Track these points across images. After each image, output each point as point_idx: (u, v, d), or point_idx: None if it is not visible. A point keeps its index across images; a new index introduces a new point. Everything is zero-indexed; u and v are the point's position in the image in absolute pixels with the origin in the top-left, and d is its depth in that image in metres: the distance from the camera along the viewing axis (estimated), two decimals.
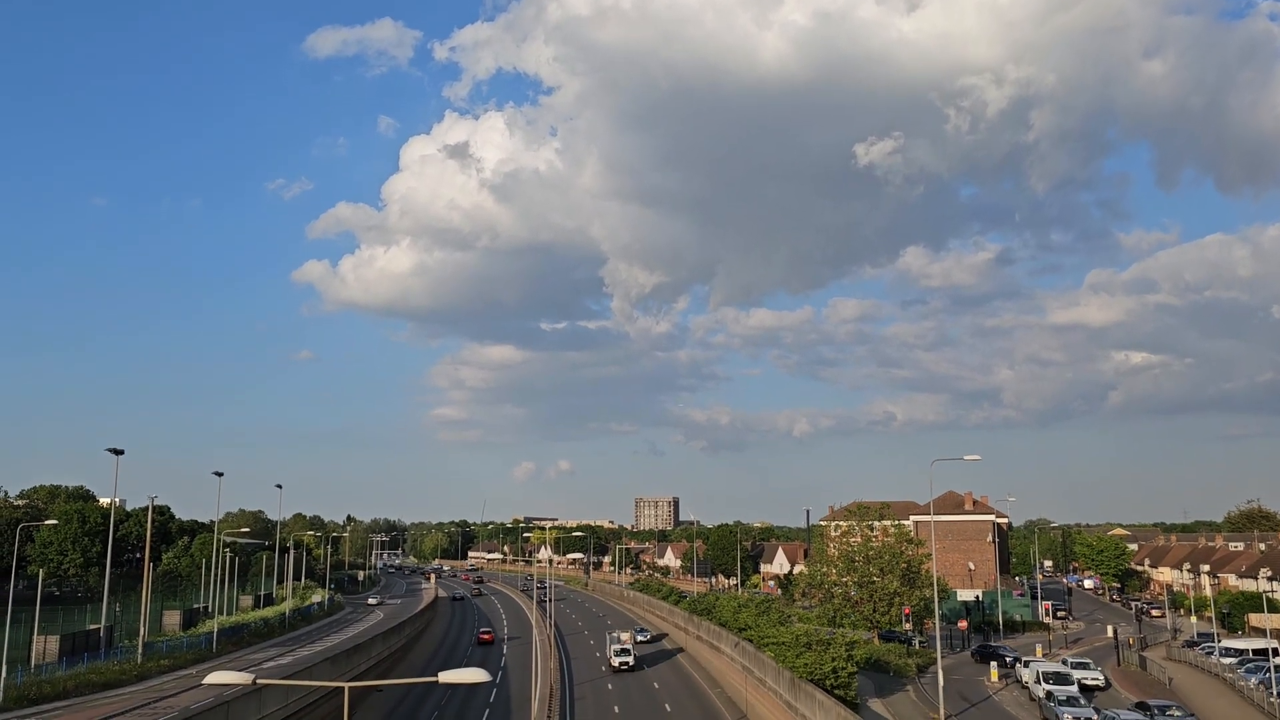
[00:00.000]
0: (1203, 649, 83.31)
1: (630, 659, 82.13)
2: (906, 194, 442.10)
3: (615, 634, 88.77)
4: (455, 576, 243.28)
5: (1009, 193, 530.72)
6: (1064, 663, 71.35)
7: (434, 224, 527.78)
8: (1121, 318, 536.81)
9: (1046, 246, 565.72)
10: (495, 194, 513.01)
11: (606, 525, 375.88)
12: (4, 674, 59.56)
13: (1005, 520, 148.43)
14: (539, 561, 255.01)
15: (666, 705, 68.69)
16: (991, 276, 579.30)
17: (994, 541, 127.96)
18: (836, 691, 51.53)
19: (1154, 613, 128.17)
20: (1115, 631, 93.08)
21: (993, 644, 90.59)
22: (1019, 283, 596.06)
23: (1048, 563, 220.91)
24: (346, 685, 21.00)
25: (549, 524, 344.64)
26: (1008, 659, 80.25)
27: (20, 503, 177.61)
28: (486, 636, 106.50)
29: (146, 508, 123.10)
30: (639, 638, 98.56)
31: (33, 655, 74.01)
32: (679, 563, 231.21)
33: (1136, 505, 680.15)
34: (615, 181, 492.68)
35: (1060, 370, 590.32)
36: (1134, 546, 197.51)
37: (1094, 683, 70.70)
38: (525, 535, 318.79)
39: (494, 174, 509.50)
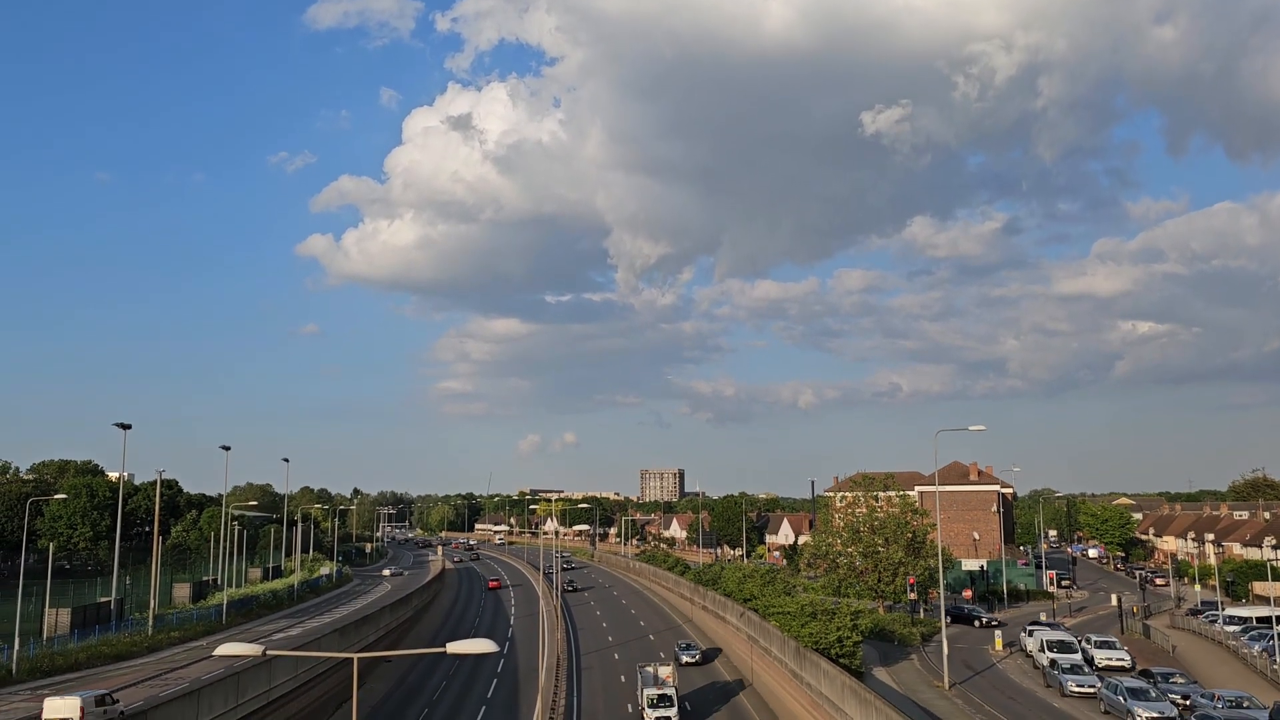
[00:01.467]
0: (1206, 617, 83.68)
1: (673, 712, 51.58)
2: (913, 163, 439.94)
3: (649, 669, 56.74)
4: (447, 545, 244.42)
5: (1017, 161, 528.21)
6: (1088, 640, 68.59)
7: (437, 196, 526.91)
8: (1128, 287, 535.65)
9: (1054, 216, 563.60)
10: (498, 166, 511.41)
11: (612, 497, 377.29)
12: (17, 646, 60.15)
13: (1010, 490, 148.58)
14: (545, 534, 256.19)
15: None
16: (998, 246, 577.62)
17: (999, 511, 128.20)
18: (841, 660, 51.89)
19: (1158, 581, 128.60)
20: (1119, 600, 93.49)
21: (965, 607, 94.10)
22: (1026, 252, 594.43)
23: (1052, 532, 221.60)
24: (355, 656, 21.20)
25: (555, 496, 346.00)
26: (982, 619, 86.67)
27: (29, 477, 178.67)
28: (494, 584, 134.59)
29: (155, 482, 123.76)
30: (685, 658, 69.10)
31: (45, 628, 74.69)
32: (684, 534, 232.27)
33: (1141, 475, 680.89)
34: (619, 152, 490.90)
35: (1066, 340, 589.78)
36: (1138, 516, 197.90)
37: (1119, 664, 64.51)
38: (531, 507, 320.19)
39: (497, 146, 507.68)
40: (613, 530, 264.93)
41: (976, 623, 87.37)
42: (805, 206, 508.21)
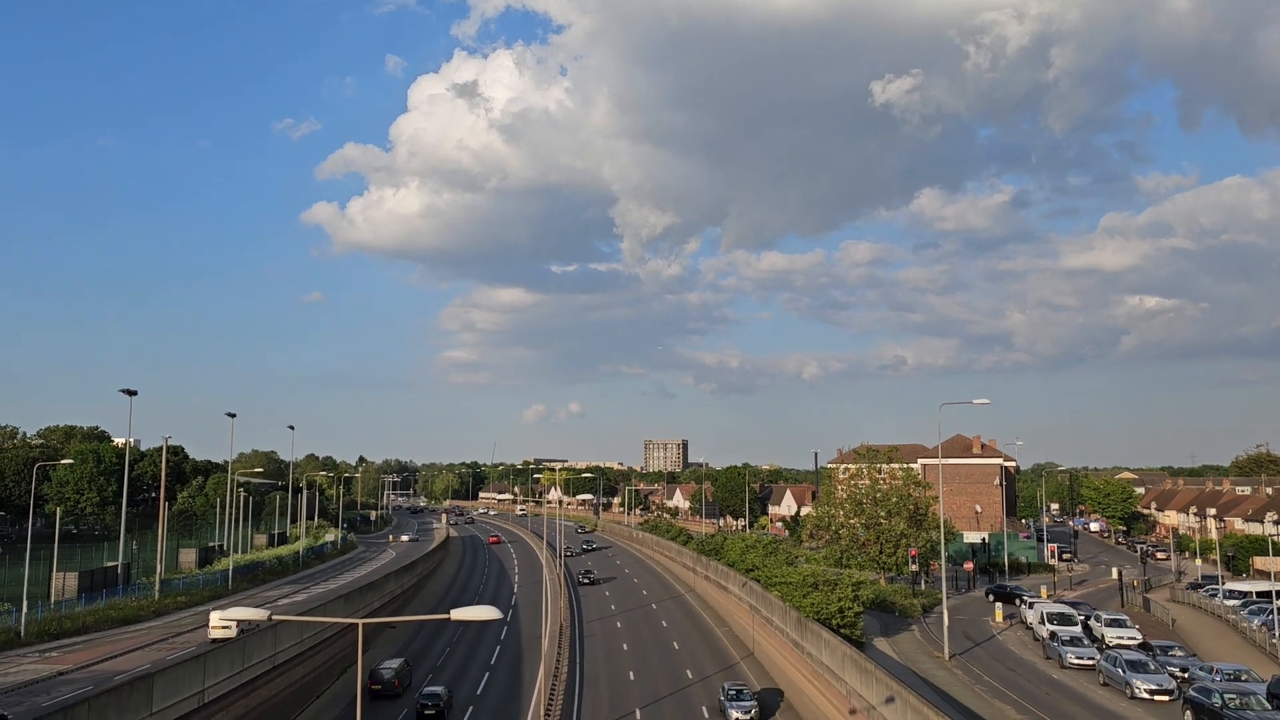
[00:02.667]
0: (1206, 591, 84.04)
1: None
2: (923, 134, 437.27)
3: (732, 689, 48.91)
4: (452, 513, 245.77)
5: (1027, 134, 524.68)
6: (1097, 618, 67.52)
7: (443, 165, 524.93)
8: (1136, 262, 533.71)
9: (1063, 189, 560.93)
10: (504, 134, 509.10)
11: (616, 467, 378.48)
12: (25, 609, 60.71)
13: (1013, 464, 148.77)
14: (549, 503, 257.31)
15: (675, 643, 69.71)
16: (1006, 219, 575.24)
17: (1001, 485, 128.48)
18: (843, 630, 52.28)
19: (1159, 555, 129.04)
20: (1120, 573, 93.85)
21: (1008, 584, 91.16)
22: (1033, 226, 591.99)
23: (1054, 506, 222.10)
24: (360, 622, 21.37)
25: (559, 465, 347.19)
26: (1025, 598, 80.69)
27: (37, 442, 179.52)
28: (494, 540, 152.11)
29: (161, 448, 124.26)
30: (736, 715, 46.76)
31: (52, 591, 75.36)
32: (687, 504, 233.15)
33: (1145, 449, 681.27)
34: (626, 121, 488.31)
35: (1072, 315, 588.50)
36: (1141, 490, 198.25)
37: (1130, 643, 61.61)
38: (535, 476, 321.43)
39: (503, 114, 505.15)
40: (616, 500, 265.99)
41: (1018, 601, 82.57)
42: (813, 178, 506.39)
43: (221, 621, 61.46)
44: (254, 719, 44.03)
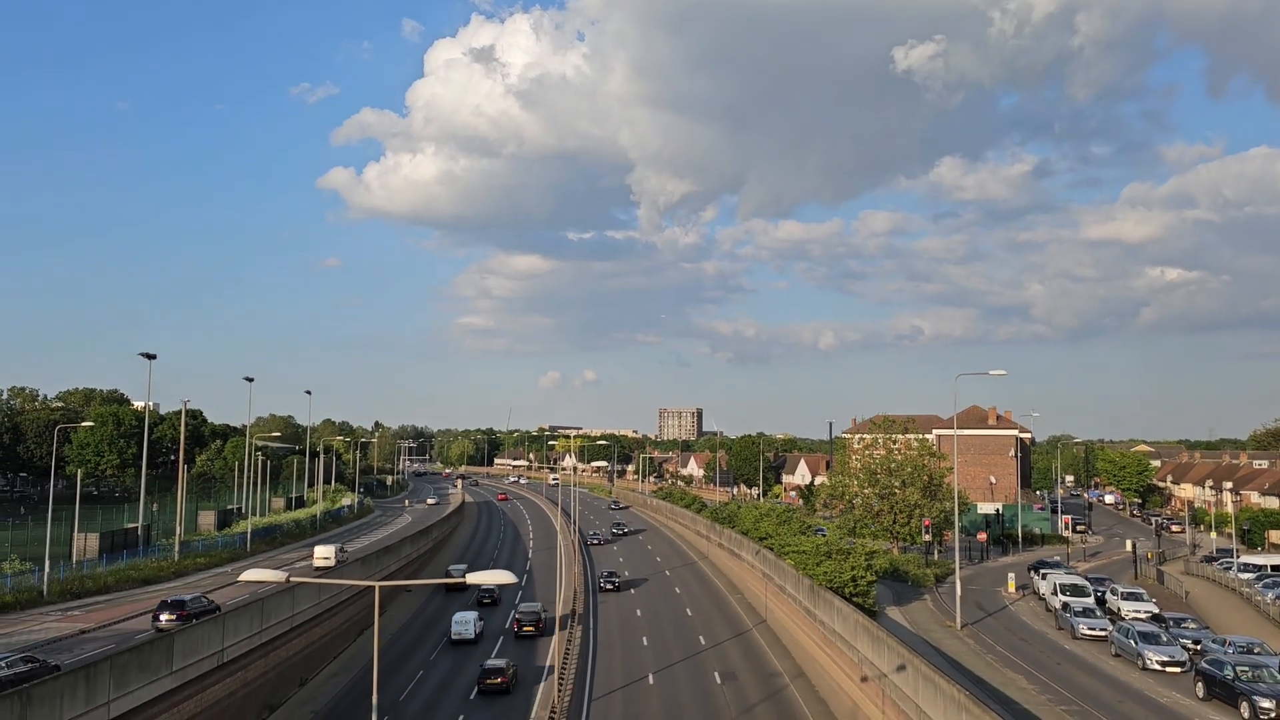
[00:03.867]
0: (1221, 564, 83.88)
1: None
2: (945, 101, 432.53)
3: None
4: (468, 479, 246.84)
5: (1050, 102, 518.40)
6: (1113, 591, 66.92)
7: (459, 131, 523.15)
8: (1158, 233, 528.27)
9: (1085, 159, 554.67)
10: (521, 100, 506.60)
11: (630, 435, 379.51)
12: (47, 569, 61.59)
13: (1028, 435, 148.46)
14: (563, 470, 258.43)
15: (688, 609, 70.19)
16: (1027, 189, 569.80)
17: (1016, 456, 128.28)
18: (855, 599, 52.48)
19: (1174, 528, 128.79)
20: (1134, 546, 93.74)
21: (1050, 559, 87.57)
22: (1055, 196, 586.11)
23: (1069, 478, 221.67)
24: (377, 584, 21.62)
25: (574, 433, 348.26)
26: (1043, 571, 79.04)
27: (57, 405, 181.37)
28: (502, 497, 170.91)
29: (179, 411, 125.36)
30: None
31: (74, 552, 76.36)
32: (701, 472, 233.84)
33: (1162, 422, 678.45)
34: (644, 87, 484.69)
35: (1092, 286, 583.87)
36: (1157, 463, 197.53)
37: (1146, 616, 60.53)
38: (550, 443, 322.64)
39: (520, 79, 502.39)
40: (630, 468, 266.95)
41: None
42: (832, 145, 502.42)
43: (323, 553, 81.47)
44: (272, 678, 44.70)
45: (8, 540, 77.83)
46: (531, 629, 60.59)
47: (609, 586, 77.38)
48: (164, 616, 49.89)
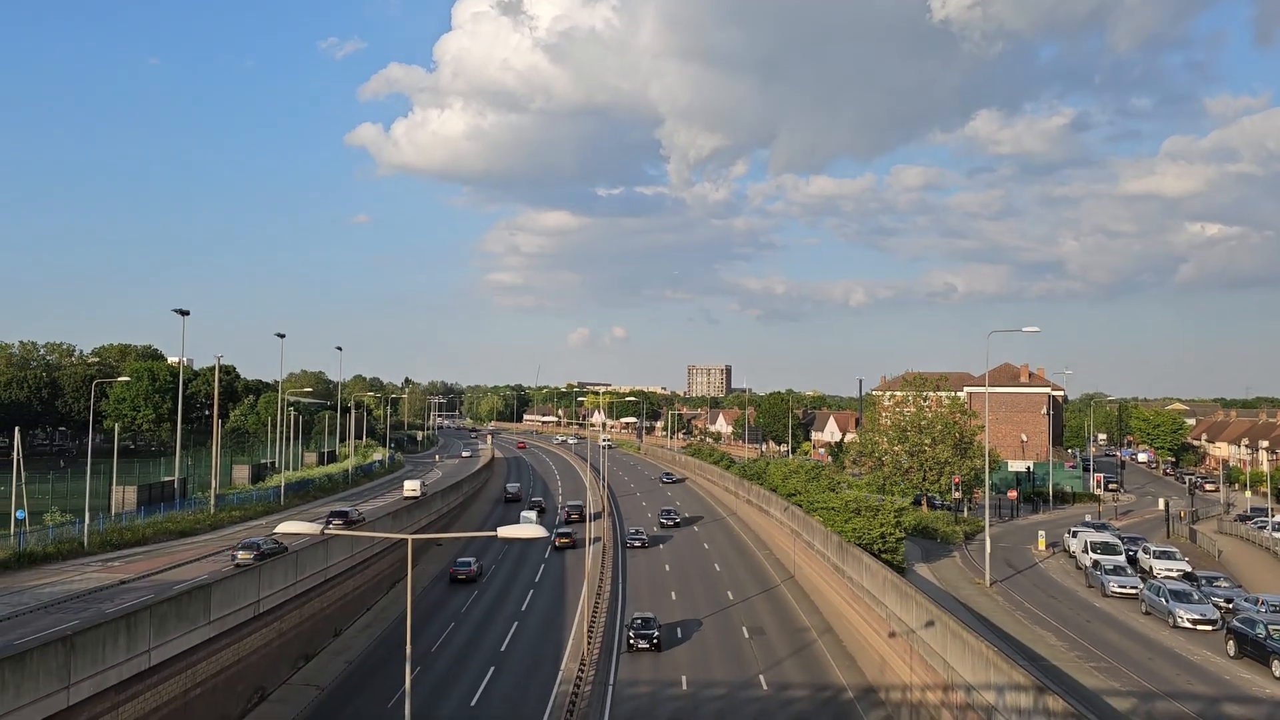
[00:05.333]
0: (1255, 523, 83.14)
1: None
2: (983, 52, 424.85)
3: None
4: (497, 435, 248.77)
5: (1091, 53, 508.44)
6: (1145, 550, 66.07)
7: (487, 86, 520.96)
8: (1199, 187, 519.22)
9: (1125, 111, 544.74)
10: (549, 54, 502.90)
11: (659, 391, 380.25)
12: (87, 520, 62.80)
13: (1061, 393, 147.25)
14: (592, 426, 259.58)
15: (716, 565, 70.62)
16: (1065, 143, 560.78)
17: (1048, 414, 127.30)
18: (884, 556, 52.55)
19: (1207, 487, 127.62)
20: (1166, 504, 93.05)
21: (1095, 519, 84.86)
22: (1093, 150, 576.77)
23: (1102, 436, 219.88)
24: (409, 537, 21.84)
25: (603, 389, 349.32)
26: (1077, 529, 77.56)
27: (93, 360, 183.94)
28: (520, 445, 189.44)
29: (213, 367, 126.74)
30: None
31: (113, 504, 77.80)
32: (730, 429, 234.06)
33: (1198, 380, 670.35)
34: (674, 39, 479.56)
35: (1129, 242, 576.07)
36: (1192, 421, 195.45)
37: (1176, 574, 59.92)
38: (579, 400, 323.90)
39: (548, 33, 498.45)
40: (659, 424, 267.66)
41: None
42: (866, 98, 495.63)
43: (411, 486, 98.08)
44: (307, 629, 45.49)
45: (48, 493, 79.43)
46: (568, 540, 75.33)
47: (636, 544, 77.73)
48: (240, 554, 57.22)
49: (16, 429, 75.77)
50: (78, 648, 26.62)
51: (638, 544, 77.01)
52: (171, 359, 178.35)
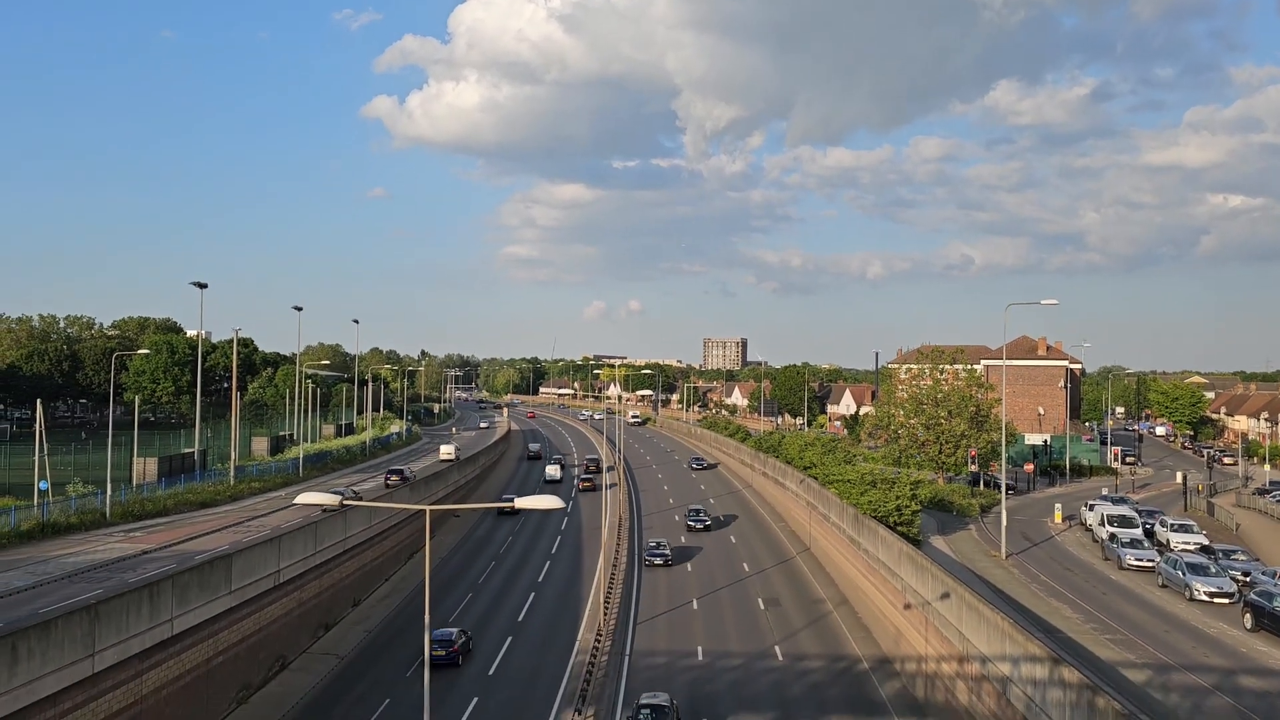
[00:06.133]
0: (1273, 497, 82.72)
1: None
2: (1004, 20, 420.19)
3: None
4: (513, 407, 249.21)
5: (1114, 21, 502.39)
6: (1162, 523, 65.66)
7: (501, 57, 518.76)
8: (1221, 158, 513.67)
9: (1148, 81, 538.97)
10: (564, 25, 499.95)
11: (675, 364, 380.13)
12: (109, 492, 63.46)
13: (1079, 366, 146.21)
14: (608, 398, 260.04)
15: (731, 537, 70.88)
16: (1086, 113, 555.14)
17: (1065, 387, 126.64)
18: (899, 528, 52.60)
19: (1226, 460, 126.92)
20: (1184, 478, 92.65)
21: (1126, 497, 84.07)
22: (1114, 120, 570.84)
23: (1120, 409, 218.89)
24: (428, 508, 21.99)
25: (618, 362, 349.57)
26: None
27: (113, 333, 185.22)
28: (530, 415, 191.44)
29: (231, 340, 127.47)
30: None
31: (134, 476, 78.51)
32: (746, 402, 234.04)
33: (1218, 353, 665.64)
34: (690, 9, 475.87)
35: (1150, 213, 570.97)
36: (1211, 395, 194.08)
37: (1193, 547, 59.49)
38: (595, 372, 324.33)
39: (563, 3, 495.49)
40: (675, 397, 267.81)
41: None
42: (884, 68, 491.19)
43: (447, 451, 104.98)
44: (326, 598, 45.99)
45: (70, 464, 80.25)
46: (589, 484, 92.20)
47: (656, 560, 73.70)
48: (391, 478, 77.63)
49: (39, 401, 76.48)
50: (102, 616, 27.00)
51: (658, 561, 60.01)
52: (190, 332, 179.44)
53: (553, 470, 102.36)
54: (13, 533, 53.84)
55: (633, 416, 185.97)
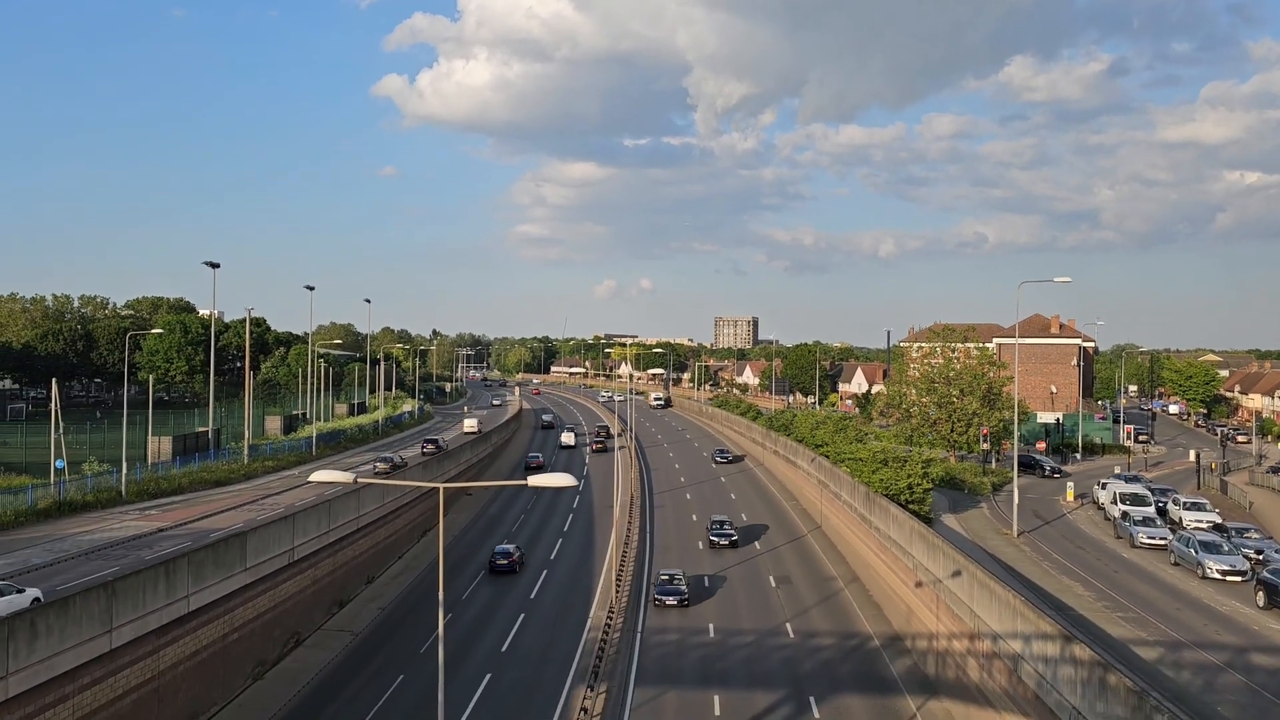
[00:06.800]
0: None
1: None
2: None
3: None
4: (525, 386, 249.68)
5: None
6: (1175, 501, 65.50)
7: (512, 34, 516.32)
8: (1238, 134, 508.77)
9: (1164, 56, 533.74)
10: (574, 1, 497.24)
11: (686, 343, 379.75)
12: (125, 470, 63.90)
13: (1092, 344, 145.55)
14: (619, 377, 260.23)
15: (743, 515, 71.00)
16: (1101, 89, 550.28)
17: (1078, 365, 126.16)
18: (911, 507, 52.60)
19: (1240, 439, 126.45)
20: (1197, 456, 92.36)
21: (1035, 456, 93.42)
22: (1130, 96, 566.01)
23: (1133, 388, 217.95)
24: (441, 485, 22.10)
25: (629, 341, 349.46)
26: (1046, 469, 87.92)
27: (126, 313, 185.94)
28: (536, 391, 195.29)
29: (244, 319, 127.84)
30: None
31: (149, 455, 79.00)
32: (757, 381, 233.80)
33: (1233, 331, 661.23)
34: None
35: (1165, 190, 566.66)
36: (1225, 373, 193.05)
37: (1205, 525, 58.90)
38: (606, 351, 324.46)
39: None
40: (686, 376, 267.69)
41: (1040, 472, 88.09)
42: (898, 43, 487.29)
43: (470, 424, 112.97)
44: (340, 576, 46.33)
45: (86, 443, 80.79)
46: (601, 446, 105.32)
47: (669, 600, 71.17)
48: (379, 465, 75.96)
49: (54, 381, 76.94)
50: (119, 593, 27.28)
51: (671, 600, 46.61)
52: (203, 311, 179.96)
53: (567, 437, 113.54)
54: (30, 511, 54.32)
55: (655, 399, 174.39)
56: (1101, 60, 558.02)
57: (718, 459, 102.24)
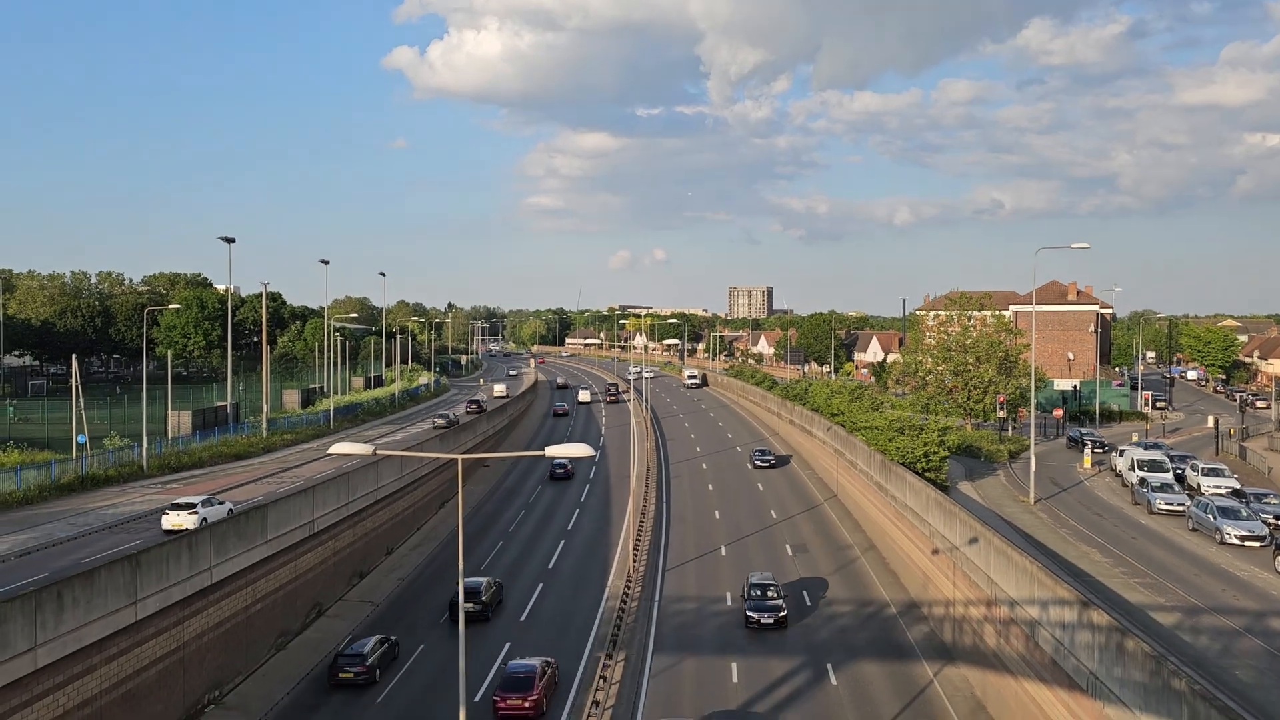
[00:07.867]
0: None
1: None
2: None
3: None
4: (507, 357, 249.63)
5: None
6: (1193, 467, 65.06)
7: (523, 4, 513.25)
8: (1260, 96, 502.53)
9: (1184, 18, 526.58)
10: None
11: (700, 314, 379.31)
12: (145, 445, 64.52)
13: (1109, 311, 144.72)
14: (634, 348, 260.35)
15: (759, 484, 71.18)
16: (1120, 52, 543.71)
17: (1095, 332, 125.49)
18: (927, 475, 52.59)
19: (1259, 404, 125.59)
20: (1216, 422, 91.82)
21: (1080, 430, 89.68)
22: (1149, 59, 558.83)
23: (1151, 354, 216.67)
24: (460, 457, 22.25)
25: (644, 312, 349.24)
26: (1086, 444, 79.59)
27: (144, 289, 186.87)
28: (540, 362, 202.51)
29: (260, 294, 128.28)
30: None
31: (169, 429, 79.73)
32: (772, 350, 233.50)
33: (1253, 296, 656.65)
34: None
35: (1184, 154, 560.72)
36: (1244, 338, 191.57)
37: (1224, 491, 58.29)
38: (621, 323, 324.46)
39: None
40: (701, 346, 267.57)
41: (1081, 446, 79.68)
42: (915, 6, 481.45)
43: (499, 389, 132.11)
44: (360, 547, 46.75)
45: (107, 418, 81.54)
46: (614, 398, 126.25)
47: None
48: (438, 420, 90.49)
49: (74, 357, 77.54)
50: (143, 565, 27.64)
51: (767, 619, 38.80)
52: (219, 287, 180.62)
53: (584, 395, 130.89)
54: (53, 485, 54.99)
55: (690, 377, 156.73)
56: (1121, 22, 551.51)
57: (755, 462, 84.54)
